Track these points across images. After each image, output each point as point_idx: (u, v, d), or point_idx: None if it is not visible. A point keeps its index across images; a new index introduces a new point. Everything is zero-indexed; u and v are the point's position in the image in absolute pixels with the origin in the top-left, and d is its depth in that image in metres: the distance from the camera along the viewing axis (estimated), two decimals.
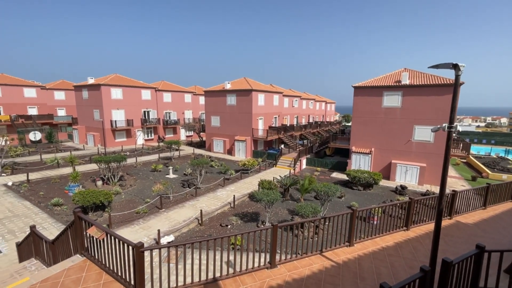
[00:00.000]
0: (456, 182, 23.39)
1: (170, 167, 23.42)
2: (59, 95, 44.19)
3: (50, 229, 12.51)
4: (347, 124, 71.77)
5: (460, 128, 4.72)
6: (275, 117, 36.17)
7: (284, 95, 39.01)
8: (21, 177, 20.46)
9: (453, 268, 4.17)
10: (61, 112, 44.36)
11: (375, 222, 9.61)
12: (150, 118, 39.73)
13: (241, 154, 31.46)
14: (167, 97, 42.06)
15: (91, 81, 35.77)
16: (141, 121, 38.45)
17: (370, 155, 23.94)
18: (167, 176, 22.31)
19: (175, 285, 4.87)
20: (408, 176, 22.51)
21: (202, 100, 48.13)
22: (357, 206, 16.58)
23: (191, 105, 46.68)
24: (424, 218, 8.66)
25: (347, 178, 22.03)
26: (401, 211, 8.27)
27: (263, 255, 6.14)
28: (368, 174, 20.25)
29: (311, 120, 51.25)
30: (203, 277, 5.18)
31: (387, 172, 23.45)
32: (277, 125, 35.98)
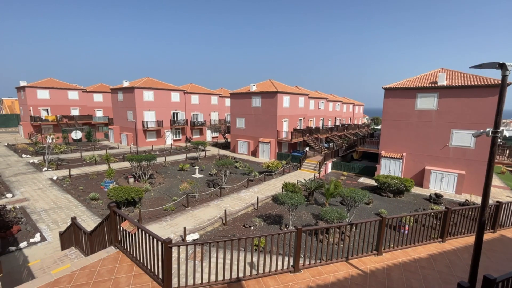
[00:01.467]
0: (501, 192, 21.29)
1: (196, 167, 24.14)
2: (98, 97, 47.68)
3: (88, 221, 13.51)
4: (376, 127, 68.73)
5: (506, 133, 4.31)
6: (300, 119, 35.74)
7: (309, 97, 38.43)
8: (64, 172, 22.38)
9: (496, 287, 3.80)
10: (99, 113, 47.79)
11: (406, 232, 9.08)
12: (179, 119, 41.33)
13: (265, 156, 31.51)
14: (194, 99, 43.50)
15: (125, 84, 38.14)
16: (170, 122, 40.15)
17: (401, 160, 22.68)
18: (193, 175, 23.02)
19: (200, 282, 5.01)
20: (444, 184, 20.95)
21: (228, 102, 49.10)
22: (386, 214, 15.79)
23: (217, 107, 47.80)
24: (463, 230, 7.99)
25: (375, 184, 21.10)
26: (436, 221, 7.71)
27: (286, 258, 6.09)
28: (398, 180, 19.19)
29: (337, 123, 49.87)
30: (227, 276, 5.27)
31: (420, 179, 22.03)
32: (302, 127, 35.52)
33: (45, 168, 23.27)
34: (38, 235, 11.87)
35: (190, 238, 11.84)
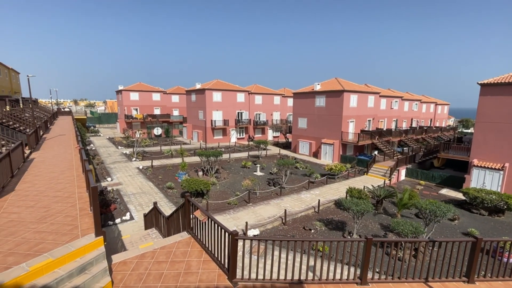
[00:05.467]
0: None
1: (258, 165, 24.84)
2: (175, 98, 53.93)
3: (164, 207, 15.41)
4: (465, 130, 58.03)
5: None
6: (369, 120, 32.91)
7: (381, 96, 35.01)
8: (147, 163, 26.08)
9: None
10: (176, 112, 53.99)
11: (510, 260, 7.36)
12: (243, 118, 43.29)
13: (328, 158, 30.17)
14: (258, 99, 44.83)
15: (198, 86, 42.02)
16: (235, 121, 42.41)
17: (501, 172, 18.53)
18: (254, 173, 23.77)
19: (262, 278, 5.12)
20: None
21: (290, 102, 48.91)
22: (477, 235, 13.16)
23: (279, 106, 48.15)
24: None
25: (463, 198, 17.86)
26: None
27: (349, 268, 5.68)
28: (497, 196, 15.75)
29: (414, 125, 44.01)
30: (287, 276, 5.23)
31: None
32: (370, 129, 32.66)
33: (134, 159, 27.59)
34: (128, 214, 14.17)
35: (250, 233, 12.26)
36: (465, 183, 20.13)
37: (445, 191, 20.56)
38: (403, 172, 24.30)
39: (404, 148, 33.20)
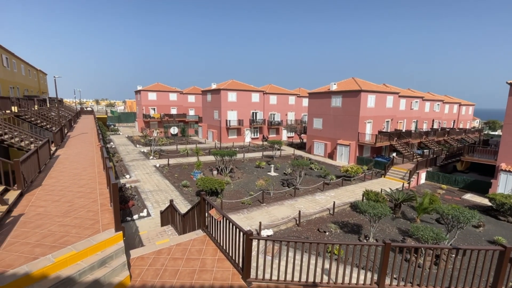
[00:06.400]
0: None
1: (272, 165, 24.77)
2: (191, 98, 54.89)
3: (180, 205, 15.71)
4: (492, 132, 54.98)
5: None
6: (387, 121, 31.93)
7: (400, 96, 33.87)
8: (164, 161, 26.71)
9: None
10: (191, 112, 54.95)
11: None
12: (257, 118, 43.35)
13: (343, 159, 29.57)
14: (273, 99, 44.72)
15: (213, 86, 42.53)
16: (250, 121, 42.54)
17: None
18: (268, 173, 23.72)
19: (276, 278, 5.09)
20: None
21: (305, 102, 48.40)
22: (505, 243, 12.42)
23: (294, 106, 47.78)
24: None
25: (489, 204, 16.91)
26: None
27: (366, 273, 5.53)
28: None
29: (435, 126, 42.24)
30: (299, 278, 5.17)
31: None
32: (389, 130, 31.69)
33: (151, 157, 28.35)
34: (145, 210, 14.58)
35: (264, 233, 12.24)
36: (491, 188, 19.06)
37: (469, 196, 19.56)
38: (423, 175, 23.37)
39: (425, 151, 31.94)
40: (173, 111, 51.96)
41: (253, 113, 42.99)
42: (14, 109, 17.19)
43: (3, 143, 11.63)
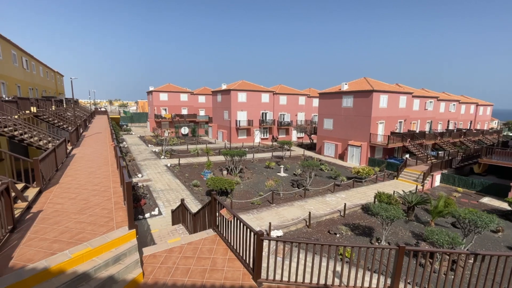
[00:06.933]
0: None
1: (282, 166, 24.68)
2: (201, 99, 55.44)
3: (190, 204, 15.88)
4: (511, 134, 52.79)
5: None
6: (400, 122, 31.22)
7: (414, 96, 33.06)
8: (175, 161, 27.09)
9: None
10: (202, 112, 55.49)
11: None
12: (267, 119, 43.31)
13: (355, 161, 29.11)
14: (283, 99, 44.57)
15: (224, 87, 42.80)
16: (259, 121, 42.55)
17: None
18: (278, 174, 23.64)
19: (286, 280, 5.06)
20: None
21: (315, 102, 47.99)
22: None
23: (304, 107, 47.45)
24: None
25: (508, 208, 16.27)
26: None
27: (377, 276, 5.42)
28: None
29: (451, 127, 40.98)
30: (310, 280, 5.12)
31: None
32: (401, 131, 30.99)
33: (162, 156, 28.81)
34: (157, 209, 14.82)
35: (273, 234, 12.21)
36: (511, 192, 18.30)
37: (487, 200, 18.85)
38: (437, 177, 22.71)
39: (439, 152, 31.04)
40: (184, 112, 52.62)
41: (263, 113, 42.98)
42: (33, 109, 17.86)
43: (23, 142, 12.09)
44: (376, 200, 16.10)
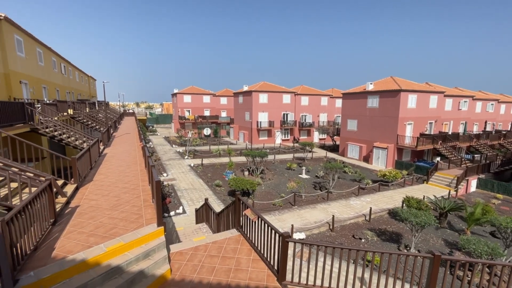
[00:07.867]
0: None
1: (303, 168, 24.33)
2: (223, 100, 56.36)
3: (213, 204, 16.15)
4: None
5: None
6: (430, 123, 29.51)
7: (446, 95, 31.09)
8: (198, 161, 27.74)
9: None
10: (224, 114, 56.40)
11: None
12: (288, 120, 42.98)
13: (380, 163, 27.96)
14: (304, 100, 44.00)
15: (245, 88, 43.15)
16: (280, 122, 42.34)
17: None
18: (300, 175, 23.34)
19: (312, 283, 4.96)
20: None
21: (338, 102, 46.84)
22: None
23: (327, 108, 46.47)
24: None
25: None
26: None
27: (411, 286, 5.13)
28: None
29: (489, 128, 37.98)
30: (334, 285, 4.96)
31: None
32: (432, 132, 29.26)
33: (186, 156, 29.63)
34: (181, 208, 15.26)
35: (296, 236, 12.05)
36: None
37: None
38: (473, 182, 21.13)
39: (475, 155, 28.84)
40: (206, 113, 53.81)
41: (284, 114, 42.73)
42: (70, 111, 19.22)
43: (62, 142, 13.03)
44: (404, 204, 15.33)
